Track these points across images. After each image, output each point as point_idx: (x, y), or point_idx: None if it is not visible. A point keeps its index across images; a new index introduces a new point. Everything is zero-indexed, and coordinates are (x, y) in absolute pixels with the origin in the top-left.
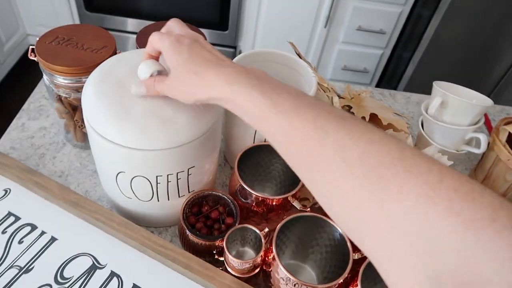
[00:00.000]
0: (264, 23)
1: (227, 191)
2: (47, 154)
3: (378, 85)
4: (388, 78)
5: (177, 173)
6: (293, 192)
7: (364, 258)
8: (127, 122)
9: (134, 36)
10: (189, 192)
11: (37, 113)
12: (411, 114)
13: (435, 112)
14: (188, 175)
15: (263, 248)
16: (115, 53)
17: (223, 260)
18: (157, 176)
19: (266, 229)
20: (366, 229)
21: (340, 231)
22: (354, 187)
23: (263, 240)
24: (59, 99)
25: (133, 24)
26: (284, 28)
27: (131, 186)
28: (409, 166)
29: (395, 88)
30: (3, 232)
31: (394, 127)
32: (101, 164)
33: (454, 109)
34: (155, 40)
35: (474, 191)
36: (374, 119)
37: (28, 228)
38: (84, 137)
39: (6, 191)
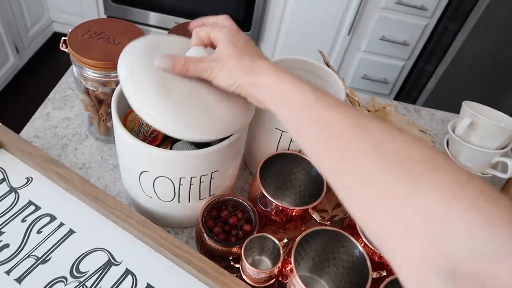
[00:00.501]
0: (287, 26)
1: (245, 196)
2: (70, 145)
3: (397, 97)
4: (408, 90)
5: (201, 176)
6: (314, 204)
7: (383, 278)
8: None
9: (155, 30)
10: (209, 195)
11: (62, 103)
12: (435, 131)
13: (463, 133)
14: (211, 178)
15: (281, 259)
16: None
17: (238, 267)
18: (180, 178)
19: (285, 240)
20: (392, 223)
21: (360, 248)
22: (387, 180)
23: (281, 251)
24: (86, 91)
25: (155, 18)
26: (307, 33)
27: (153, 185)
28: (439, 166)
29: (414, 101)
30: (23, 220)
31: None
32: (125, 161)
33: (483, 132)
34: (213, 30)
35: (499, 197)
36: None
37: (48, 219)
38: (107, 131)
39: (28, 179)
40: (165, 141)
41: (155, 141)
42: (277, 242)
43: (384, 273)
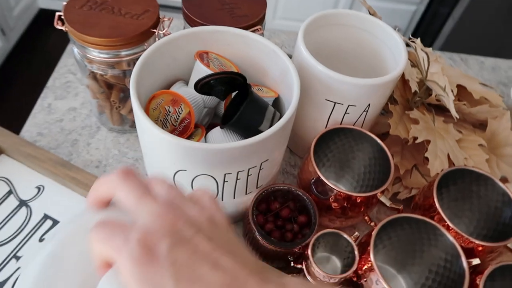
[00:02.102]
0: None
1: (292, 182)
2: (80, 140)
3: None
4: (422, 36)
5: (249, 169)
6: (384, 187)
7: (475, 268)
8: None
9: None
10: (256, 188)
11: (64, 91)
12: (487, 82)
13: None
14: (259, 170)
15: (357, 261)
16: (158, 19)
17: (300, 268)
18: (225, 174)
19: (356, 233)
20: None
21: (450, 239)
22: None
23: (356, 251)
24: (93, 76)
25: None
26: None
27: (192, 185)
28: None
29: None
30: (41, 240)
31: (490, 102)
32: (152, 159)
33: None
34: (107, 241)
35: None
36: (461, 92)
37: None
38: (122, 119)
39: (39, 188)
40: (197, 130)
41: (186, 131)
42: (350, 240)
43: (478, 261)
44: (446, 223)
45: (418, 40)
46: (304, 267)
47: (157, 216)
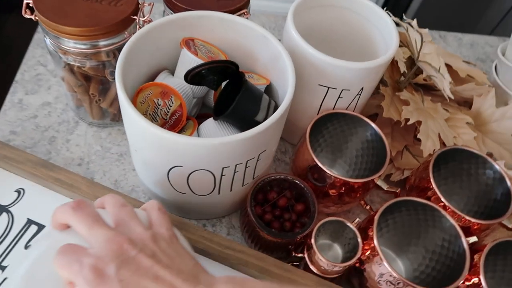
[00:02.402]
0: None
1: (284, 169)
2: (58, 137)
3: None
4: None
5: (247, 161)
6: (381, 172)
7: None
8: None
9: None
10: (253, 178)
11: (35, 85)
12: (466, 58)
13: None
14: (257, 161)
15: (360, 248)
16: (138, 4)
17: (300, 256)
18: (223, 168)
19: (357, 220)
20: None
21: (451, 221)
22: None
23: (359, 238)
24: (69, 69)
25: None
26: None
27: (187, 181)
28: None
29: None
30: (27, 247)
31: (475, 80)
32: (143, 156)
33: None
34: (65, 271)
35: None
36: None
37: None
38: (102, 113)
39: (19, 192)
40: (189, 122)
41: (178, 124)
42: (353, 227)
43: (475, 239)
44: (442, 203)
45: (414, 22)
46: (306, 256)
47: (105, 242)
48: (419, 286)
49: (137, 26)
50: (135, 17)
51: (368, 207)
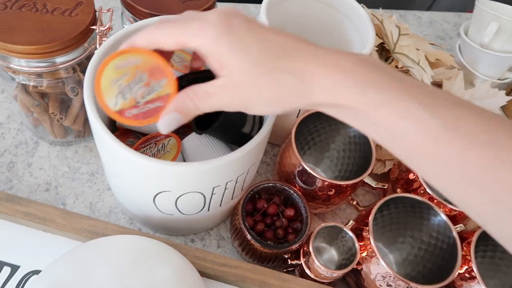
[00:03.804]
0: None
1: (266, 171)
2: (18, 162)
3: None
4: None
5: (238, 177)
6: (369, 171)
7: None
8: None
9: None
10: (241, 190)
11: None
12: (426, 38)
13: (488, 40)
14: (246, 174)
15: (358, 254)
16: (95, 12)
17: (296, 263)
18: (214, 188)
19: (351, 222)
20: None
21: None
22: None
23: (356, 244)
24: (23, 89)
25: None
26: None
27: (176, 204)
28: None
29: None
30: None
31: (445, 64)
32: (125, 182)
33: (507, 35)
34: (187, 33)
35: None
36: None
37: (36, 277)
38: (65, 131)
39: None
40: (170, 140)
41: (151, 116)
42: (349, 232)
43: (462, 227)
44: (429, 195)
45: (394, 17)
46: (303, 262)
47: (216, 12)
48: (415, 281)
49: (97, 36)
50: (94, 27)
51: (355, 202)
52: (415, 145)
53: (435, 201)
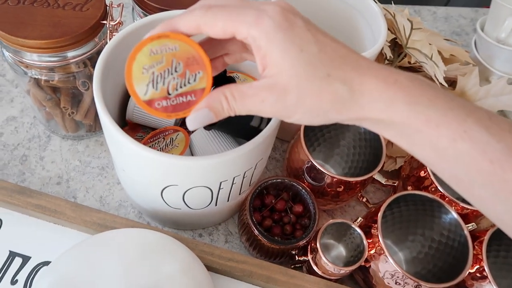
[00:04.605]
0: None
1: (275, 166)
2: (31, 155)
3: None
4: None
5: (245, 172)
6: (379, 167)
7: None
8: None
9: None
10: (249, 185)
11: None
12: (442, 34)
13: (505, 36)
14: (254, 169)
15: (366, 251)
16: (106, 7)
17: (303, 259)
18: (221, 182)
19: (360, 219)
20: None
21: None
22: None
23: (365, 241)
24: (36, 83)
25: None
26: None
27: (183, 198)
28: None
29: None
30: (13, 281)
31: (459, 60)
32: (133, 176)
33: None
34: (241, 21)
35: None
36: None
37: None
38: (77, 125)
39: None
40: (178, 134)
41: (182, 110)
42: (357, 229)
43: (475, 226)
44: (440, 193)
45: (406, 10)
46: (310, 259)
47: (277, 4)
48: (425, 280)
49: (108, 31)
50: (104, 21)
51: (364, 200)
52: (473, 167)
53: (447, 199)
